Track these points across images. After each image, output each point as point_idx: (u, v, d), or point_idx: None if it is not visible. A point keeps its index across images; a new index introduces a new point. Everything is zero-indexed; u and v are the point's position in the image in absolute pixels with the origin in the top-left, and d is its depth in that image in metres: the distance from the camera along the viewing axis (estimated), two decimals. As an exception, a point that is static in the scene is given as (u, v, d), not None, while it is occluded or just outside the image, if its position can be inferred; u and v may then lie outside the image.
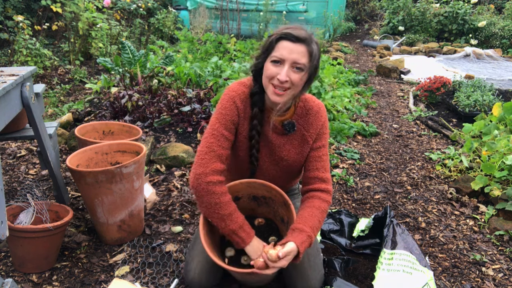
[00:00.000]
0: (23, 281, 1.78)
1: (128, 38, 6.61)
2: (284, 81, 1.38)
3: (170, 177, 2.77)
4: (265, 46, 1.44)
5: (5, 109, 1.62)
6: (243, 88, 1.55)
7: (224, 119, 1.50)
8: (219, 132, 1.49)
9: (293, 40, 1.37)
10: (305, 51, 1.38)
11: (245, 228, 1.47)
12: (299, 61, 1.37)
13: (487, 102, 4.12)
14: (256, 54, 1.50)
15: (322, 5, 8.97)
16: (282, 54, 1.37)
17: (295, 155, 1.61)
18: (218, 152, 1.47)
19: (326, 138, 1.63)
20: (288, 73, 1.38)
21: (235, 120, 1.52)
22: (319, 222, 1.48)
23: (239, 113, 1.53)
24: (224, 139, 1.49)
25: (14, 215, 1.89)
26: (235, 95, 1.53)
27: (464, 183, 2.74)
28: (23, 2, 6.18)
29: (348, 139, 3.62)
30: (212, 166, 1.45)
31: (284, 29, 1.40)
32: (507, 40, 8.60)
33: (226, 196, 1.46)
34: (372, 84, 5.83)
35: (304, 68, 1.39)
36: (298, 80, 1.40)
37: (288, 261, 1.37)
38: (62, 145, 3.26)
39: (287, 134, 1.58)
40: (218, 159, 1.47)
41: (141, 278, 1.80)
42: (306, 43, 1.38)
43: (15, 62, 4.91)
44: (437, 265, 1.99)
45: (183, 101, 3.59)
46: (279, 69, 1.39)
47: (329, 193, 1.57)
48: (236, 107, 1.52)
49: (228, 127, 1.50)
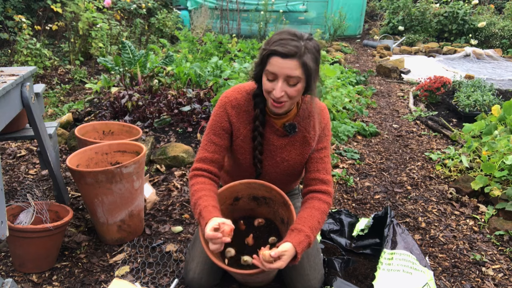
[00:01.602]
0: (23, 281, 1.78)
1: (128, 38, 6.61)
2: (279, 97, 1.39)
3: (170, 177, 2.77)
4: (259, 60, 1.44)
5: (5, 109, 1.62)
6: (236, 95, 1.59)
7: (214, 125, 1.59)
8: (208, 138, 1.60)
9: (282, 57, 1.34)
10: (296, 64, 1.34)
11: (210, 209, 1.44)
12: (292, 75, 1.35)
13: (487, 102, 4.12)
14: (253, 64, 1.50)
15: (322, 5, 8.97)
16: (274, 70, 1.36)
17: (296, 157, 1.61)
18: (206, 155, 1.59)
19: (329, 140, 1.63)
20: (282, 88, 1.38)
21: (225, 126, 1.58)
22: (318, 223, 1.48)
23: (230, 119, 1.58)
24: (213, 144, 1.58)
25: (14, 215, 1.89)
26: (227, 102, 1.58)
27: (464, 183, 2.74)
28: (23, 2, 6.18)
29: (348, 139, 3.62)
30: (198, 156, 1.60)
31: (273, 44, 1.36)
32: (507, 40, 8.60)
33: (202, 185, 1.53)
34: (372, 84, 5.83)
35: (298, 79, 1.38)
36: (294, 92, 1.40)
37: (285, 261, 1.35)
38: (62, 145, 3.26)
39: (288, 136, 1.58)
40: (206, 152, 1.59)
41: (141, 278, 1.80)
42: (296, 56, 1.33)
43: (15, 62, 4.91)
44: (437, 265, 1.99)
45: (183, 101, 3.59)
46: (273, 84, 1.39)
47: (329, 195, 1.57)
48: (227, 113, 1.58)
49: (217, 133, 1.58)
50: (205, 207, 1.45)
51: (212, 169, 1.58)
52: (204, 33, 7.49)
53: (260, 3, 8.69)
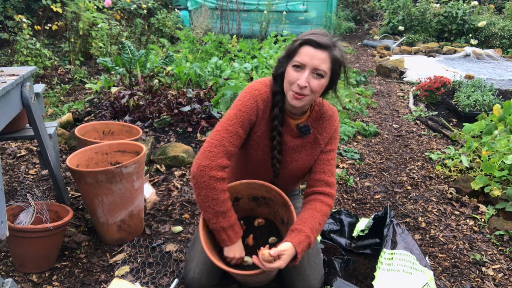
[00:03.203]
0: (23, 281, 1.78)
1: (128, 38, 6.60)
2: (303, 87, 1.38)
3: (170, 177, 2.77)
4: (288, 51, 1.44)
5: (5, 109, 1.62)
6: (265, 89, 1.53)
7: (242, 116, 1.48)
8: (234, 129, 1.47)
9: (315, 46, 1.37)
10: (326, 57, 1.38)
11: (235, 228, 1.49)
12: (320, 67, 1.37)
13: (487, 102, 4.12)
14: (280, 57, 1.50)
15: (322, 5, 8.97)
16: (303, 59, 1.38)
17: (306, 157, 1.61)
18: (228, 148, 1.45)
19: (336, 143, 1.65)
20: (308, 79, 1.38)
21: (252, 120, 1.51)
22: (319, 225, 1.48)
23: (258, 114, 1.52)
24: (237, 137, 1.47)
25: (14, 215, 1.89)
26: (258, 95, 1.51)
27: (464, 183, 2.74)
28: (23, 2, 6.18)
29: (348, 139, 3.62)
30: (218, 160, 1.43)
31: (307, 35, 1.40)
32: (507, 40, 8.60)
33: (225, 194, 1.47)
34: (372, 84, 5.83)
35: (324, 74, 1.39)
36: (317, 86, 1.40)
37: (285, 261, 1.36)
38: (62, 145, 3.26)
39: (302, 137, 1.58)
40: (226, 155, 1.45)
41: (141, 278, 1.81)
42: (328, 49, 1.38)
43: (15, 62, 4.91)
44: (437, 265, 1.99)
45: (183, 101, 3.59)
46: (299, 74, 1.39)
47: (332, 198, 1.57)
48: (257, 107, 1.51)
49: (244, 125, 1.49)
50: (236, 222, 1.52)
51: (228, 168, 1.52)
52: (204, 33, 7.49)
53: (261, 3, 8.68)
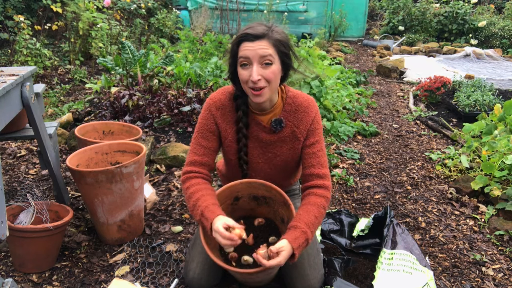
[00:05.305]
0: (23, 281, 1.78)
1: (128, 38, 6.60)
2: (257, 80, 1.38)
3: (170, 177, 2.77)
4: (231, 53, 1.46)
5: (5, 109, 1.62)
6: (219, 96, 1.60)
7: (202, 128, 1.60)
8: (196, 141, 1.60)
9: (251, 39, 1.38)
10: (266, 44, 1.38)
11: (211, 208, 1.44)
12: (265, 54, 1.37)
13: (487, 102, 4.12)
14: (227, 61, 1.52)
15: (323, 5, 8.97)
16: (246, 55, 1.38)
17: (287, 151, 1.60)
18: (194, 158, 1.59)
19: (320, 134, 1.60)
20: (258, 71, 1.38)
21: (212, 128, 1.59)
22: (315, 218, 1.45)
23: (217, 121, 1.59)
24: (200, 147, 1.59)
25: (14, 215, 1.89)
26: (211, 104, 1.60)
27: (464, 183, 2.74)
28: (23, 2, 6.18)
29: (348, 139, 3.62)
30: (188, 159, 1.60)
31: (242, 31, 1.42)
32: (507, 40, 8.60)
33: (198, 186, 1.52)
34: (372, 84, 5.83)
35: (273, 60, 1.40)
36: (271, 74, 1.40)
37: (283, 257, 1.34)
38: (62, 145, 3.26)
39: (276, 131, 1.58)
40: (192, 164, 1.59)
41: (141, 278, 1.81)
42: (266, 36, 1.39)
43: (15, 62, 4.90)
44: (437, 265, 1.99)
45: (183, 101, 3.59)
46: (249, 70, 1.40)
47: (326, 188, 1.53)
48: (212, 115, 1.59)
49: (205, 136, 1.60)
50: (206, 207, 1.44)
51: (203, 171, 1.60)
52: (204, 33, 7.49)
53: (261, 3, 8.68)
